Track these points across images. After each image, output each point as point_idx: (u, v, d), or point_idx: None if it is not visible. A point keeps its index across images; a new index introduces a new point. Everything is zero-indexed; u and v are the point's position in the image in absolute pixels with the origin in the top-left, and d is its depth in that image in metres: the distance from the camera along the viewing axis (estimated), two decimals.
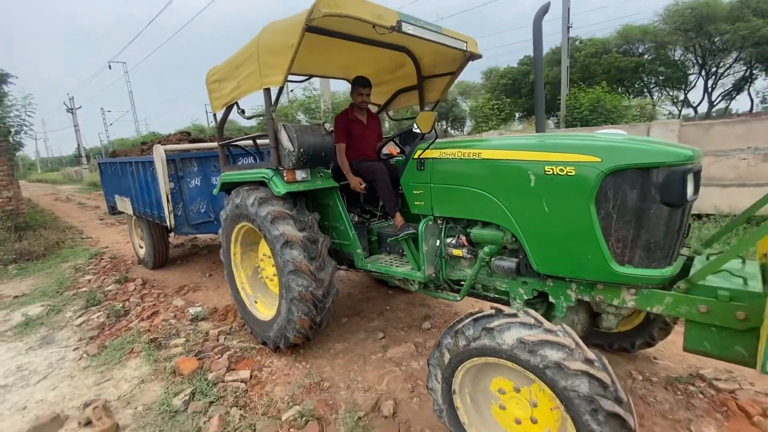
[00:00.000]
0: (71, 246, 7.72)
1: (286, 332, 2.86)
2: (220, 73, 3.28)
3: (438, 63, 3.48)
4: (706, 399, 2.31)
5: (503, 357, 1.61)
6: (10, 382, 3.13)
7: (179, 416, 2.48)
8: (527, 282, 2.19)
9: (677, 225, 1.75)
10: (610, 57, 28.11)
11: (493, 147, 2.18)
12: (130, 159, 5.77)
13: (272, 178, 2.84)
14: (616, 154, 1.73)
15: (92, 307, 4.46)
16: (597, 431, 1.40)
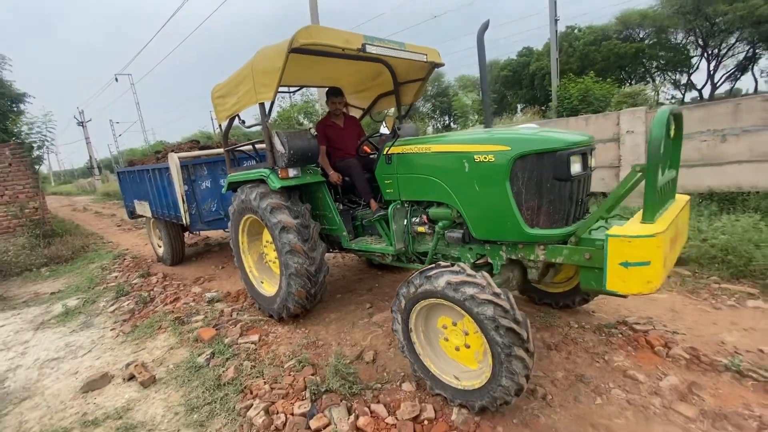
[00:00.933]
0: (95, 249, 8.44)
1: (287, 303, 3.46)
2: (223, 89, 3.84)
3: (409, 71, 4.04)
4: (623, 338, 2.85)
5: (438, 296, 2.18)
6: (61, 355, 3.79)
7: (203, 369, 3.09)
8: (472, 248, 2.76)
9: (569, 194, 2.31)
10: (610, 44, 28.12)
11: (438, 142, 2.75)
12: (147, 167, 6.40)
13: (269, 176, 3.39)
14: (520, 143, 2.29)
15: (122, 297, 5.12)
16: (499, 341, 1.96)
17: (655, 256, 1.79)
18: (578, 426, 2.12)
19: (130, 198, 7.65)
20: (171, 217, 5.75)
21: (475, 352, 2.23)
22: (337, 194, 3.84)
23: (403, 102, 4.35)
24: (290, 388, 2.68)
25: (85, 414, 2.76)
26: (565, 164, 2.20)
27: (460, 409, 2.28)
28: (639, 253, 1.81)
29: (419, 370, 2.45)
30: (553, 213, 2.31)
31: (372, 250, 3.39)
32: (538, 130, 2.46)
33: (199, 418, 2.53)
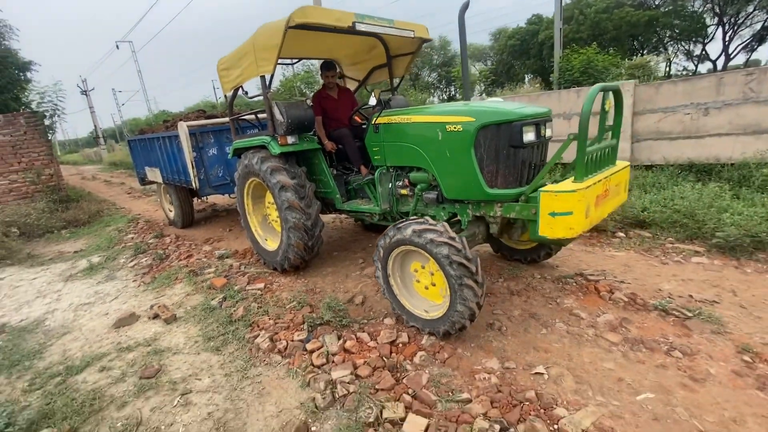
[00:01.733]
0: (109, 214, 8.96)
1: (287, 254, 3.93)
2: (228, 62, 4.13)
3: (401, 45, 4.32)
4: (576, 286, 3.31)
5: (407, 243, 2.63)
6: (92, 300, 4.33)
7: (216, 310, 3.60)
8: (445, 207, 3.18)
9: (522, 160, 2.69)
10: (622, 11, 27.23)
11: (418, 113, 3.10)
12: (158, 135, 6.78)
13: (270, 143, 3.78)
14: (483, 115, 2.66)
15: (140, 254, 5.64)
16: (453, 274, 2.42)
17: (576, 207, 2.20)
18: (523, 348, 2.60)
19: (141, 165, 8.07)
20: (181, 182, 6.19)
21: (440, 289, 2.69)
22: (331, 161, 4.21)
23: (396, 74, 4.65)
24: (291, 322, 3.18)
25: (119, 343, 3.29)
26: (518, 133, 2.57)
27: (429, 336, 2.77)
28: (563, 205, 2.23)
29: (397, 308, 2.94)
30: (508, 175, 2.71)
31: (361, 210, 3.80)
32: (500, 104, 2.83)
33: (215, 345, 3.05)
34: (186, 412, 2.38)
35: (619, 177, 2.67)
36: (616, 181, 2.63)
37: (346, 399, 2.28)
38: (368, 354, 2.66)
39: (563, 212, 2.23)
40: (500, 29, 37.65)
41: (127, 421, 2.34)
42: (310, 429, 2.13)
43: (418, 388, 2.30)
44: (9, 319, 4.10)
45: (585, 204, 2.23)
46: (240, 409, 2.34)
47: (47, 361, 3.18)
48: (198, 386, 2.60)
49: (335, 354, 2.70)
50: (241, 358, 2.85)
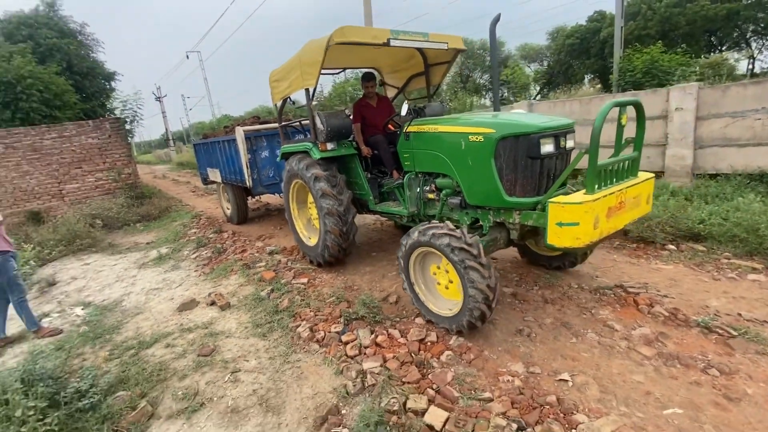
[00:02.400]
0: (176, 210, 9.91)
1: (326, 242, 4.26)
2: (278, 74, 4.54)
3: (438, 55, 4.55)
4: (614, 297, 3.24)
5: (426, 245, 2.84)
6: (160, 286, 4.90)
7: (264, 301, 3.96)
8: (468, 212, 3.31)
9: (540, 170, 2.77)
10: (697, 5, 25.08)
11: (443, 124, 3.27)
12: (218, 139, 7.50)
13: (312, 148, 4.14)
14: (502, 127, 2.78)
15: (201, 247, 6.25)
16: (456, 259, 2.64)
17: (582, 219, 2.27)
18: (550, 355, 2.63)
19: (203, 166, 8.90)
20: (237, 182, 6.81)
21: (457, 284, 2.82)
22: (367, 165, 4.47)
23: (432, 82, 4.89)
24: (329, 315, 3.44)
25: (181, 325, 3.74)
26: (536, 145, 2.66)
27: (458, 337, 2.88)
28: (569, 216, 2.32)
29: (426, 314, 3.13)
30: (526, 185, 2.81)
31: (391, 212, 4.07)
32: (522, 116, 2.95)
33: (262, 331, 3.38)
34: (235, 387, 2.70)
35: (639, 189, 2.66)
36: (635, 194, 2.62)
37: (375, 387, 2.46)
38: (398, 349, 2.83)
39: (570, 222, 2.32)
40: (558, 28, 36.03)
41: (187, 390, 2.70)
42: (340, 411, 2.34)
43: (442, 384, 2.43)
44: (94, 299, 4.77)
45: (593, 215, 2.28)
46: (281, 389, 2.61)
47: (123, 335, 3.70)
48: (246, 366, 2.92)
49: (367, 347, 2.90)
50: (284, 344, 3.14)
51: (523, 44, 40.12)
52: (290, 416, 2.37)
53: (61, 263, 6.43)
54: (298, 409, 2.41)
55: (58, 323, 4.19)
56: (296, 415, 2.37)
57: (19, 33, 12.46)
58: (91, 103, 13.89)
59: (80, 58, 13.51)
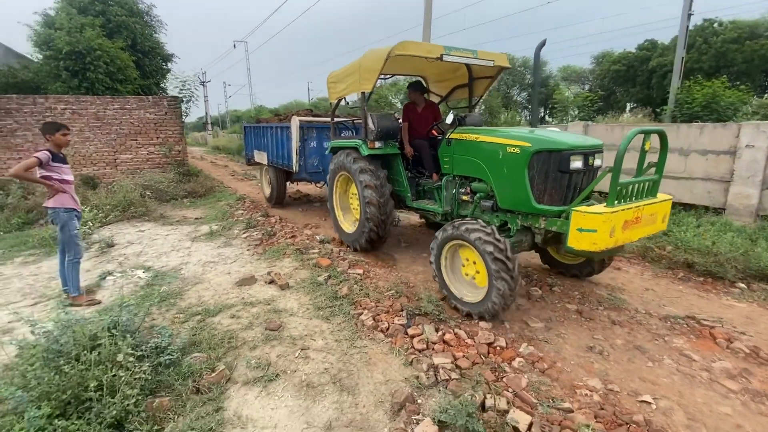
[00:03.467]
0: (220, 191, 10.22)
1: (361, 238, 4.74)
2: (336, 77, 5.03)
3: (482, 70, 4.82)
4: (687, 328, 3.15)
5: (460, 238, 3.28)
6: (216, 260, 5.07)
7: (322, 286, 4.04)
8: (498, 215, 3.63)
9: (568, 183, 3.11)
10: (756, 44, 24.22)
11: (485, 134, 3.62)
12: (272, 125, 7.95)
13: (361, 145, 4.56)
14: (538, 142, 3.11)
15: (251, 228, 6.42)
16: (493, 268, 3.01)
17: (600, 227, 2.61)
18: (627, 376, 2.59)
19: (250, 148, 9.45)
20: (283, 165, 7.32)
21: (483, 276, 3.19)
22: (408, 164, 4.79)
23: (475, 94, 5.20)
24: (390, 308, 3.48)
25: (243, 298, 3.85)
26: (566, 161, 3.02)
27: (527, 345, 2.87)
28: (589, 223, 2.65)
29: (444, 288, 3.53)
30: (554, 194, 3.14)
31: (426, 209, 4.41)
32: (556, 134, 3.26)
33: (324, 314, 3.45)
34: (306, 363, 2.76)
35: (656, 208, 2.97)
36: (651, 211, 2.93)
37: (449, 383, 2.48)
38: (466, 349, 2.84)
39: (589, 229, 2.66)
40: (604, 52, 35.48)
41: (259, 360, 2.79)
42: (416, 401, 2.36)
43: (518, 388, 2.42)
44: (153, 264, 4.97)
45: (610, 225, 2.62)
46: (352, 372, 2.66)
47: (187, 302, 3.84)
48: (313, 345, 2.99)
49: (435, 343, 2.92)
50: (348, 329, 3.19)
51: (565, 66, 39.68)
52: (365, 398, 2.41)
53: (117, 227, 6.74)
54: (372, 393, 2.45)
55: (121, 282, 4.39)
56: (371, 398, 2.41)
57: (92, 8, 13.15)
58: (149, 80, 14.48)
59: (144, 37, 14.12)
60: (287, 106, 47.72)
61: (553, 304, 3.61)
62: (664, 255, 4.64)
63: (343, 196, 5.45)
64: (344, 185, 5.35)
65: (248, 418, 2.26)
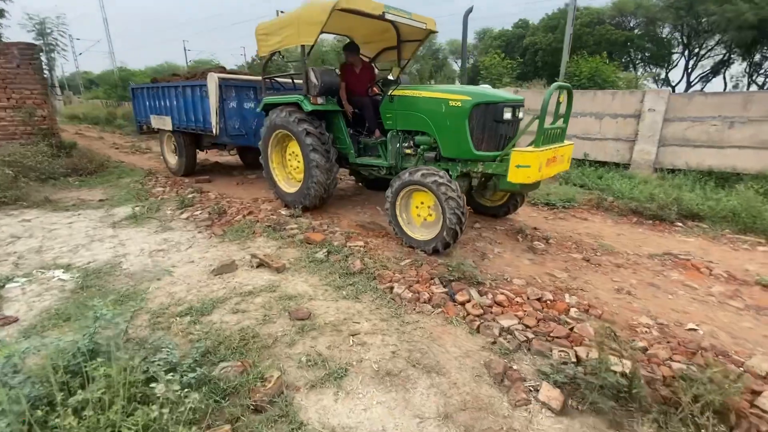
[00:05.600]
0: (116, 167, 8.30)
1: (305, 199, 4.78)
2: (267, 29, 4.66)
3: (411, 33, 4.99)
4: (672, 263, 3.64)
5: (416, 183, 3.60)
6: (164, 248, 4.07)
7: (324, 263, 3.54)
8: (440, 164, 3.96)
9: (502, 131, 3.66)
10: (603, 28, 28.69)
11: (427, 90, 3.92)
12: (176, 83, 6.85)
13: (303, 101, 4.44)
14: (477, 96, 3.54)
15: (187, 207, 5.33)
16: (448, 206, 3.38)
17: (533, 163, 3.17)
18: (662, 309, 2.85)
19: (143, 113, 8.11)
20: (197, 129, 6.49)
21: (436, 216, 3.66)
22: (348, 123, 4.81)
23: (403, 57, 5.35)
24: (418, 277, 3.22)
25: (234, 288, 3.16)
26: (500, 112, 3.56)
27: (570, 295, 2.95)
28: (525, 160, 3.19)
29: (399, 233, 3.91)
30: (490, 142, 3.66)
31: (372, 164, 4.59)
32: (488, 89, 3.75)
33: (348, 294, 3.03)
34: (367, 351, 2.38)
35: (565, 150, 3.63)
36: (562, 153, 3.58)
37: (530, 343, 2.39)
38: (521, 308, 2.78)
39: (524, 165, 3.19)
40: (485, 29, 38.45)
41: (309, 357, 2.30)
42: (512, 367, 2.22)
43: (589, 337, 2.46)
44: (71, 261, 3.77)
45: (539, 162, 3.20)
46: (423, 350, 2.38)
47: (157, 303, 2.99)
48: (361, 329, 2.59)
49: (489, 306, 2.80)
50: (387, 306, 2.86)
51: (451, 40, 42.02)
52: (459, 375, 2.17)
53: None
54: (460, 368, 2.23)
55: (35, 289, 3.23)
56: (465, 374, 2.19)
57: None
58: None
59: None
60: (157, 70, 41.07)
61: (559, 255, 3.79)
62: (614, 205, 5.27)
63: (278, 155, 5.30)
64: (281, 144, 5.19)
65: (343, 427, 1.84)
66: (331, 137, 4.61)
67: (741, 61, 28.02)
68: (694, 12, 25.55)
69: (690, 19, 26.50)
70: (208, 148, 7.64)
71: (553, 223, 4.82)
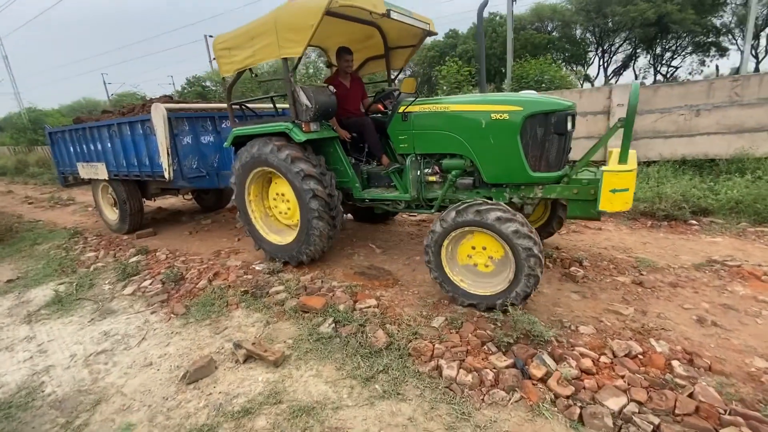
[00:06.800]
0: (32, 230, 6.76)
1: (307, 247, 3.71)
2: (231, 41, 3.70)
3: (401, 37, 4.22)
4: (725, 273, 3.23)
5: (471, 224, 2.69)
6: (107, 347, 3.00)
7: (335, 339, 2.71)
8: (479, 191, 3.24)
9: (563, 146, 2.94)
10: (526, 33, 30.43)
11: (456, 103, 3.17)
12: (112, 121, 5.58)
13: (293, 129, 3.49)
14: (531, 105, 2.81)
15: (132, 277, 4.20)
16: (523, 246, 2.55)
17: (631, 185, 2.52)
18: (761, 342, 2.37)
19: (68, 162, 6.69)
20: (142, 175, 5.32)
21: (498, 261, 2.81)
22: (345, 150, 3.90)
23: (394, 66, 4.57)
24: (465, 343, 2.50)
25: (219, 405, 2.23)
26: (563, 122, 2.82)
27: (658, 340, 2.39)
28: (623, 182, 2.51)
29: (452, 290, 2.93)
30: (551, 160, 2.93)
31: (387, 198, 3.67)
32: (537, 96, 2.99)
33: (384, 389, 2.22)
34: None
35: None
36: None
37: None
38: (615, 374, 2.16)
39: (622, 189, 2.51)
40: None
41: None
42: None
43: (720, 404, 1.89)
44: None
45: (635, 182, 2.61)
46: None
47: None
48: None
49: (578, 378, 2.14)
50: (444, 401, 2.10)
51: None
52: None
53: None
54: None
55: None
56: None
57: None
58: None
59: None
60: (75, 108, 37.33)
61: (605, 282, 3.26)
62: None
63: (260, 200, 4.21)
64: (259, 186, 4.14)
65: None
66: (323, 159, 3.69)
67: (646, 54, 31.14)
68: (602, 13, 27.86)
69: (599, 20, 28.87)
70: (157, 195, 6.34)
71: (570, 237, 4.35)
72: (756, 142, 6.23)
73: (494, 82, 22.30)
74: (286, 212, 4.00)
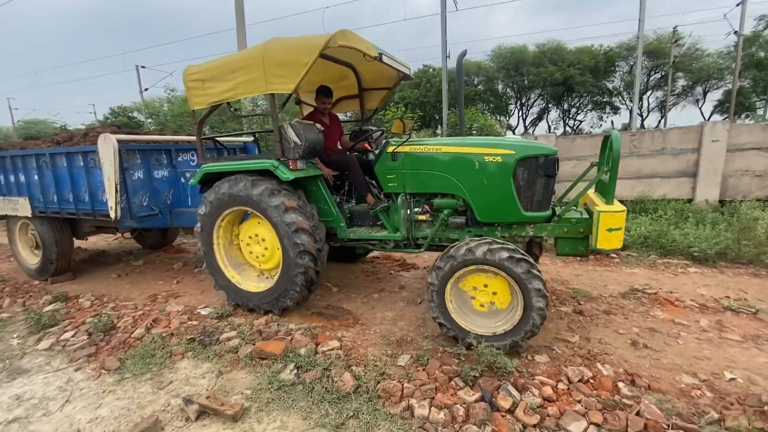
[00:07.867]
0: None
1: (289, 298, 3.50)
2: (206, 73, 3.58)
3: (376, 79, 4.46)
4: (647, 300, 3.69)
5: (480, 263, 2.72)
6: (20, 413, 2.53)
7: (299, 386, 2.56)
8: (471, 230, 3.35)
9: (551, 187, 3.17)
10: (454, 85, 33.40)
11: (449, 145, 3.25)
12: (42, 150, 4.92)
13: (279, 167, 3.36)
14: (522, 149, 3.02)
15: (50, 329, 3.64)
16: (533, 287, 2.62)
17: (623, 224, 2.77)
18: (687, 361, 2.71)
19: None
20: (79, 213, 4.72)
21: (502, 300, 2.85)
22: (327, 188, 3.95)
23: (368, 107, 4.77)
24: (434, 381, 2.52)
25: None
26: (552, 165, 3.05)
27: (604, 364, 2.62)
28: (617, 222, 2.74)
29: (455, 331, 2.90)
30: (541, 200, 3.13)
31: (375, 238, 3.61)
32: (524, 141, 3.30)
33: None
34: None
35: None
36: None
37: None
38: (572, 399, 2.32)
39: (617, 228, 2.75)
40: None
41: None
42: None
43: (665, 420, 2.11)
44: None
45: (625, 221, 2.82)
46: None
47: None
48: None
49: (542, 407, 2.25)
50: None
51: None
52: None
53: None
54: None
55: None
56: None
57: None
58: None
59: None
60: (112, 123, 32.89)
61: (549, 312, 3.51)
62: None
63: (230, 245, 3.91)
64: (228, 229, 3.86)
65: None
66: (315, 209, 3.57)
67: (556, 108, 35.70)
68: (519, 72, 31.69)
69: (517, 78, 32.73)
70: (91, 234, 5.61)
71: None
72: (653, 186, 7.35)
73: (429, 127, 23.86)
74: (263, 254, 3.73)
